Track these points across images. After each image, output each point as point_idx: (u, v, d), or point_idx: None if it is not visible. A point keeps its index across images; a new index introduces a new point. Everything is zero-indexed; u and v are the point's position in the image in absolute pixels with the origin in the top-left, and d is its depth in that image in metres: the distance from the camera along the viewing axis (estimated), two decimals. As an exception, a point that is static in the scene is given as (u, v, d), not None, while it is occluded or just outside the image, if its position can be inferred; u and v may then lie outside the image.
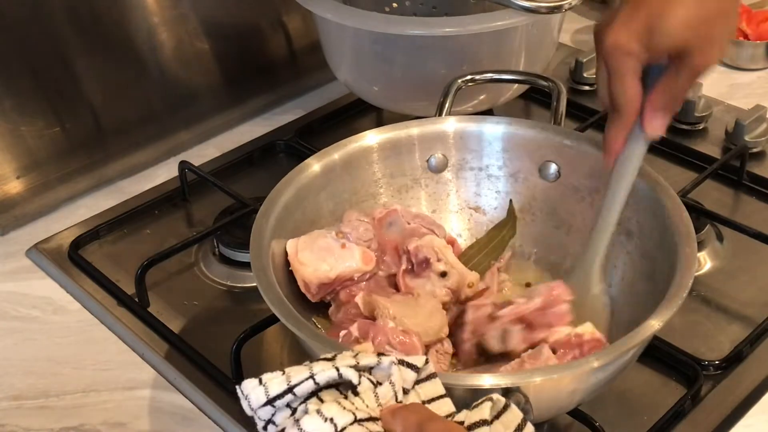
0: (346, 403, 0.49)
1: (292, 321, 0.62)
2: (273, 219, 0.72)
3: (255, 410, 0.51)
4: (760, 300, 0.82)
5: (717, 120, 1.06)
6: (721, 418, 0.71)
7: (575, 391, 0.63)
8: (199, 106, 1.08)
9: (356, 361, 0.51)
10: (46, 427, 0.73)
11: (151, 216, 0.96)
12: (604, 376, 0.63)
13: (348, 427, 0.48)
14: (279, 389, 0.50)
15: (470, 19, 0.94)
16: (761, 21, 1.18)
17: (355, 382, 0.50)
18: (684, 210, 0.71)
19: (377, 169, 0.81)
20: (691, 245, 0.67)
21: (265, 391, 0.50)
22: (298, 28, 1.15)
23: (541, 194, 0.81)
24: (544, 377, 0.58)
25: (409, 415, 0.49)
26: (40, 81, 0.95)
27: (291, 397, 0.50)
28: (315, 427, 0.48)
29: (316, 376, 0.50)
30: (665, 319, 0.61)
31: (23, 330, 0.82)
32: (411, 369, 0.51)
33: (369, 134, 0.81)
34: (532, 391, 0.58)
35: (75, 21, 0.96)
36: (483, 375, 0.58)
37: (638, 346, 0.62)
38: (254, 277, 0.66)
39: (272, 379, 0.50)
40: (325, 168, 0.78)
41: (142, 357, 0.79)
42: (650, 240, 0.72)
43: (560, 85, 0.85)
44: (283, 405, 0.50)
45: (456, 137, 0.82)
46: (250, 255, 0.68)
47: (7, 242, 0.93)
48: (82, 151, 1.00)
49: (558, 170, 0.80)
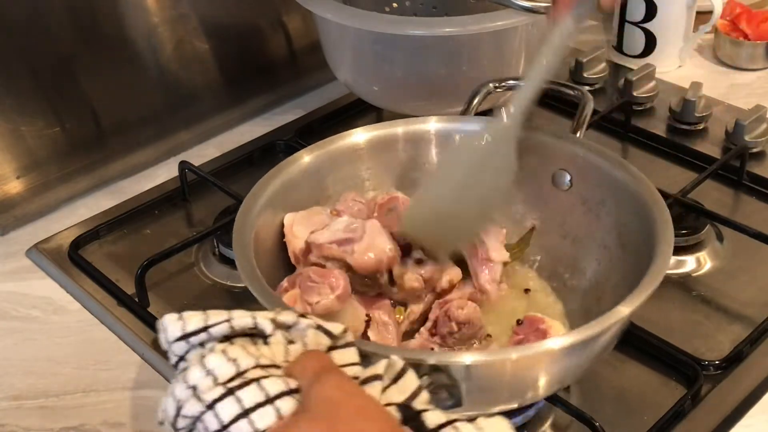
0: (252, 349, 0.51)
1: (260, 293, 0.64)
2: (262, 200, 0.74)
3: (170, 343, 0.52)
4: (760, 300, 0.82)
5: (717, 120, 1.06)
6: (721, 418, 0.71)
7: (542, 376, 0.62)
8: (199, 106, 1.08)
9: (274, 316, 0.52)
10: (46, 427, 0.73)
11: (151, 216, 0.96)
12: (574, 362, 0.63)
13: (250, 369, 0.49)
14: (195, 326, 0.52)
15: (470, 19, 0.94)
16: (761, 21, 1.18)
17: (267, 332, 0.52)
18: (660, 198, 0.71)
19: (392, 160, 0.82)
20: (667, 236, 0.67)
21: (182, 326, 0.52)
22: (298, 28, 1.15)
23: (554, 202, 0.81)
24: (479, 359, 0.59)
25: (309, 362, 0.50)
26: (40, 81, 0.95)
27: (205, 336, 0.52)
28: (217, 365, 0.49)
29: (232, 321, 0.52)
30: (635, 306, 0.61)
31: (23, 330, 0.82)
32: (327, 335, 0.52)
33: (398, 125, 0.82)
34: (475, 376, 0.58)
35: (75, 21, 0.96)
36: (413, 350, 0.60)
37: (607, 331, 0.62)
38: (234, 253, 0.68)
39: (192, 316, 0.52)
40: (314, 160, 0.79)
41: (142, 357, 0.79)
42: (629, 232, 0.72)
43: (588, 94, 0.85)
44: (197, 342, 0.52)
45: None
46: (233, 234, 0.70)
47: (7, 242, 0.93)
48: (82, 151, 1.00)
49: (571, 180, 0.79)
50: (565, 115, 1.09)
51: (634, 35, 1.18)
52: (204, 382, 0.48)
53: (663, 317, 0.79)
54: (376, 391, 0.50)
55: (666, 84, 1.13)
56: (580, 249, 0.78)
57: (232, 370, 0.48)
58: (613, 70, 1.18)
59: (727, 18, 1.21)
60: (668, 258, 0.65)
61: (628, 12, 1.17)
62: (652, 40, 1.17)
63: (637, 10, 1.16)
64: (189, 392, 0.49)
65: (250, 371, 0.49)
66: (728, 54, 1.20)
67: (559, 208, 0.80)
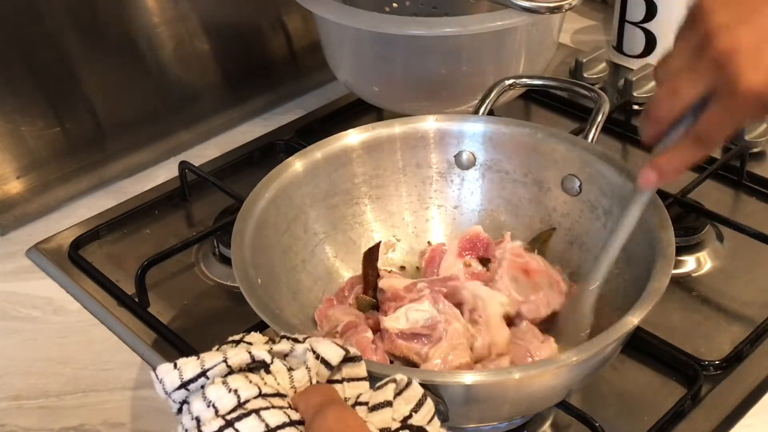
0: (254, 377, 0.50)
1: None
2: (257, 211, 0.73)
3: (169, 393, 0.51)
4: (760, 300, 0.82)
5: (717, 120, 1.06)
6: (721, 418, 0.71)
7: (545, 390, 0.63)
8: (199, 106, 1.08)
9: (270, 347, 0.52)
10: (46, 427, 0.73)
11: (151, 216, 0.96)
12: (577, 376, 0.63)
13: (251, 399, 0.48)
14: (192, 373, 0.51)
15: (470, 19, 0.94)
16: (761, 21, 1.18)
17: (267, 361, 0.51)
18: (662, 204, 0.70)
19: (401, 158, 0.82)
20: (669, 248, 0.67)
21: (179, 375, 0.51)
22: (298, 28, 1.15)
23: (562, 207, 0.80)
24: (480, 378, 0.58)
25: (313, 396, 0.50)
26: (40, 81, 0.95)
27: (204, 380, 0.51)
28: (217, 396, 0.48)
29: (229, 360, 0.51)
30: (642, 316, 0.61)
31: (23, 330, 0.82)
32: (325, 366, 0.52)
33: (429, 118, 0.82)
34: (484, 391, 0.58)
35: (75, 21, 0.96)
36: (401, 368, 0.60)
37: (617, 341, 0.62)
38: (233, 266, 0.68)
39: (186, 363, 0.51)
40: (308, 165, 0.78)
41: (142, 357, 0.79)
42: (634, 244, 0.71)
43: (605, 97, 0.83)
44: (197, 388, 0.51)
45: (486, 138, 0.82)
46: (231, 247, 0.69)
47: (7, 242, 0.93)
48: (82, 151, 1.00)
49: (580, 185, 0.79)
50: (565, 115, 1.10)
51: (634, 35, 1.18)
52: (205, 414, 0.48)
53: (663, 317, 0.79)
54: (386, 417, 0.50)
55: (666, 84, 1.13)
56: (587, 255, 0.77)
57: (233, 401, 0.48)
58: (613, 70, 1.18)
59: (727, 18, 1.20)
60: (667, 277, 0.64)
61: (628, 12, 1.17)
62: (652, 40, 1.17)
63: (637, 10, 1.16)
64: (193, 423, 0.49)
65: (251, 401, 0.48)
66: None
67: (568, 213, 0.80)
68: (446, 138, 0.83)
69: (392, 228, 0.83)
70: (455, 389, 0.58)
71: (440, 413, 0.58)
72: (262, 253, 0.71)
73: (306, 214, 0.78)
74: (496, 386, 0.59)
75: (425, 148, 0.83)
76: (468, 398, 0.60)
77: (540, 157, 0.81)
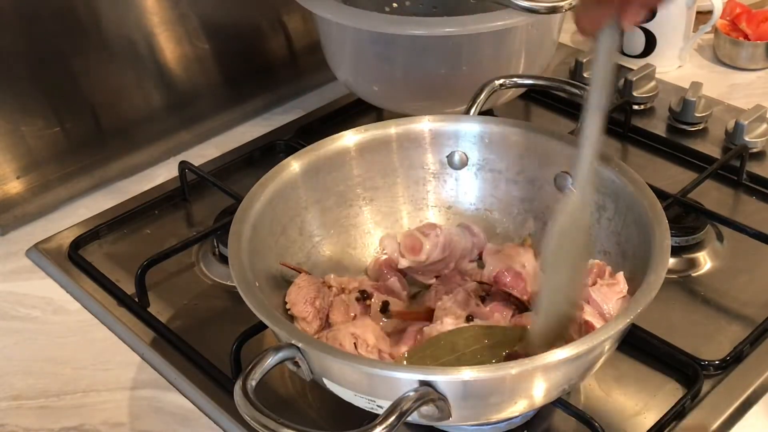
0: None
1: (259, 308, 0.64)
2: (253, 214, 0.73)
3: None
4: (760, 300, 0.82)
5: (717, 120, 1.06)
6: (721, 418, 0.71)
7: (540, 386, 0.62)
8: (199, 106, 1.08)
9: None
10: (46, 427, 0.73)
11: (151, 216, 0.96)
12: (575, 369, 0.63)
13: None
14: None
15: (470, 19, 0.93)
16: (761, 21, 1.18)
17: None
18: (661, 211, 0.70)
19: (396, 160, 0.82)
20: (664, 241, 0.66)
21: None
22: (298, 28, 1.15)
23: (555, 204, 0.80)
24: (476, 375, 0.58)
25: None
26: (40, 81, 0.95)
27: None
28: None
29: None
30: (640, 309, 0.61)
31: (23, 330, 0.82)
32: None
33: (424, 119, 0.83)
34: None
35: (75, 21, 0.96)
36: (400, 366, 0.61)
37: (615, 334, 0.62)
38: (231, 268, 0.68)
39: None
40: (303, 168, 0.78)
41: (142, 357, 0.79)
42: (629, 240, 0.72)
43: None
44: None
45: (479, 137, 0.82)
46: (228, 250, 0.69)
47: (7, 242, 0.93)
48: (82, 151, 1.00)
49: (572, 182, 0.79)
50: (565, 115, 1.10)
51: (634, 35, 1.18)
52: None
53: (663, 317, 0.79)
54: None
55: (666, 84, 1.13)
56: None
57: None
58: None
59: (727, 18, 1.21)
60: (662, 276, 0.64)
61: (628, 12, 1.17)
62: (652, 40, 1.17)
63: (637, 10, 1.16)
64: None
65: None
66: (728, 54, 1.20)
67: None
68: (440, 138, 0.83)
69: (387, 229, 0.83)
70: (454, 385, 0.58)
71: (441, 411, 0.58)
72: (258, 255, 0.71)
73: (302, 217, 0.78)
74: (493, 381, 0.60)
75: (420, 149, 0.83)
76: (466, 394, 0.60)
77: (532, 155, 0.81)
